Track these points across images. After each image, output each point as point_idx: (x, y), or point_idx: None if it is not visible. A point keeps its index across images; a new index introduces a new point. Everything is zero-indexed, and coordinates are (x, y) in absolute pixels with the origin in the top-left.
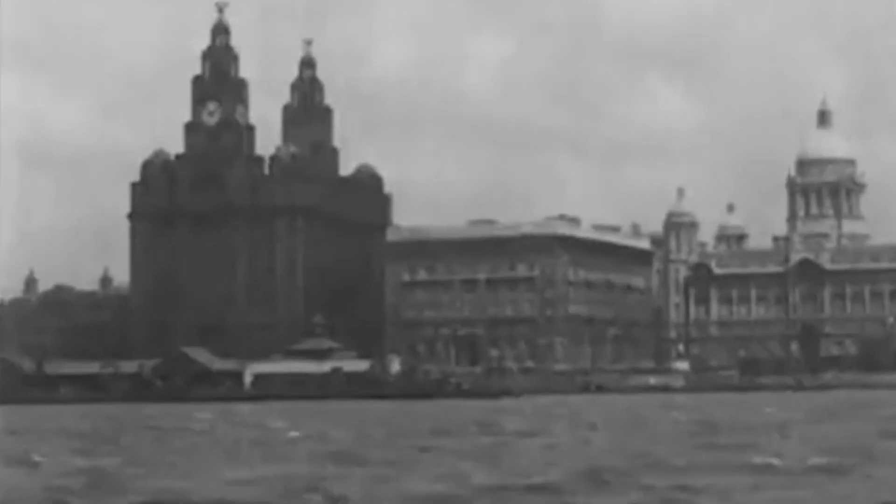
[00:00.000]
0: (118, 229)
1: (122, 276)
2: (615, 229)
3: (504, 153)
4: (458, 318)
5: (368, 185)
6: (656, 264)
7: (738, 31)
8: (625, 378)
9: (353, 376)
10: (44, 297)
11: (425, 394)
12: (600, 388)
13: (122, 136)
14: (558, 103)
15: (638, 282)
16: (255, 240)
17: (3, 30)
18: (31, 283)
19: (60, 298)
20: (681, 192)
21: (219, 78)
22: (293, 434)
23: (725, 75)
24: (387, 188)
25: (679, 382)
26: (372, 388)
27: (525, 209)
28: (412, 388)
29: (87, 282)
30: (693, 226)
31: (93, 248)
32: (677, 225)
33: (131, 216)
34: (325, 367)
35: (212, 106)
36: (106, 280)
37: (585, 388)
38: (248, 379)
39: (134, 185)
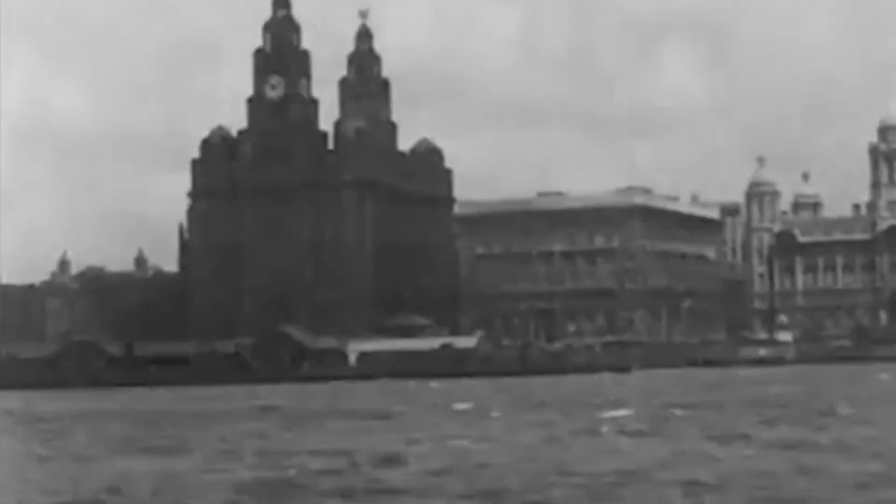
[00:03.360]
0: (151, 209)
1: (154, 256)
2: (674, 199)
3: (521, 127)
4: (535, 291)
5: (429, 159)
6: (726, 234)
7: None
8: (733, 350)
9: (464, 353)
10: (81, 279)
11: (544, 370)
12: (709, 362)
13: (140, 119)
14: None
15: (709, 252)
16: (321, 216)
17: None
18: (64, 264)
19: (99, 280)
20: (761, 161)
21: (281, 50)
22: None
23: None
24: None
25: (790, 354)
26: (488, 365)
27: (562, 182)
28: (531, 365)
29: (117, 264)
30: (775, 194)
31: (121, 230)
32: (759, 194)
33: (191, 194)
34: (434, 343)
35: (275, 79)
36: (140, 261)
37: (693, 362)
38: (352, 357)
39: (194, 162)
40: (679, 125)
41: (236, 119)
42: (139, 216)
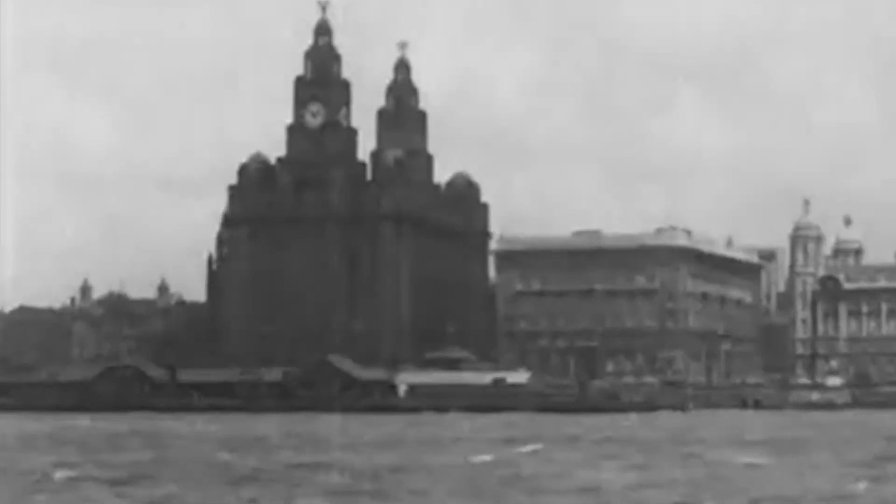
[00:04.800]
0: (170, 237)
1: (174, 283)
2: (710, 241)
3: (551, 165)
4: (575, 329)
5: (466, 192)
6: (765, 278)
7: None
8: (782, 394)
9: (516, 388)
10: (105, 304)
11: (601, 407)
12: (758, 404)
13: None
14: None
15: (746, 296)
16: (358, 247)
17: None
18: (86, 290)
19: (124, 306)
20: (807, 205)
21: (322, 79)
22: None
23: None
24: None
25: (843, 398)
26: (542, 401)
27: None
28: (588, 402)
29: (135, 290)
30: (820, 239)
31: (139, 257)
32: (804, 237)
33: (226, 220)
34: (485, 378)
35: (315, 107)
36: (163, 288)
37: (744, 404)
38: (402, 389)
39: (231, 189)
40: (711, 168)
41: (273, 146)
42: (158, 243)
